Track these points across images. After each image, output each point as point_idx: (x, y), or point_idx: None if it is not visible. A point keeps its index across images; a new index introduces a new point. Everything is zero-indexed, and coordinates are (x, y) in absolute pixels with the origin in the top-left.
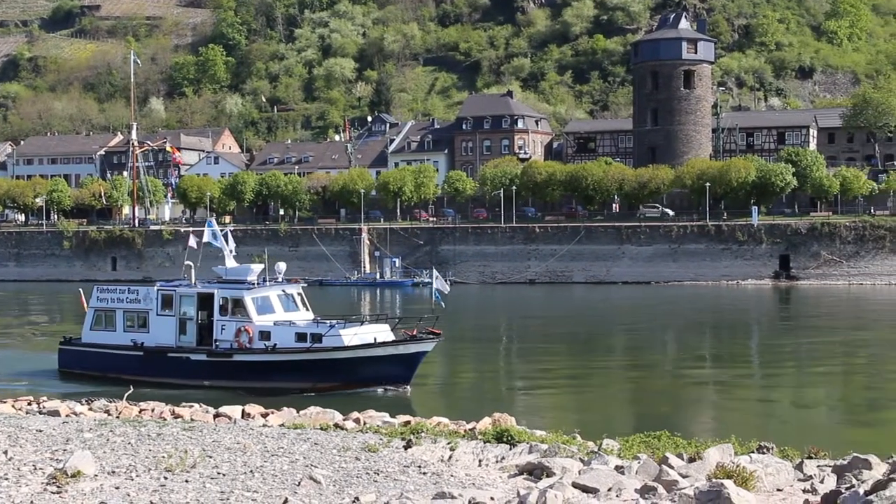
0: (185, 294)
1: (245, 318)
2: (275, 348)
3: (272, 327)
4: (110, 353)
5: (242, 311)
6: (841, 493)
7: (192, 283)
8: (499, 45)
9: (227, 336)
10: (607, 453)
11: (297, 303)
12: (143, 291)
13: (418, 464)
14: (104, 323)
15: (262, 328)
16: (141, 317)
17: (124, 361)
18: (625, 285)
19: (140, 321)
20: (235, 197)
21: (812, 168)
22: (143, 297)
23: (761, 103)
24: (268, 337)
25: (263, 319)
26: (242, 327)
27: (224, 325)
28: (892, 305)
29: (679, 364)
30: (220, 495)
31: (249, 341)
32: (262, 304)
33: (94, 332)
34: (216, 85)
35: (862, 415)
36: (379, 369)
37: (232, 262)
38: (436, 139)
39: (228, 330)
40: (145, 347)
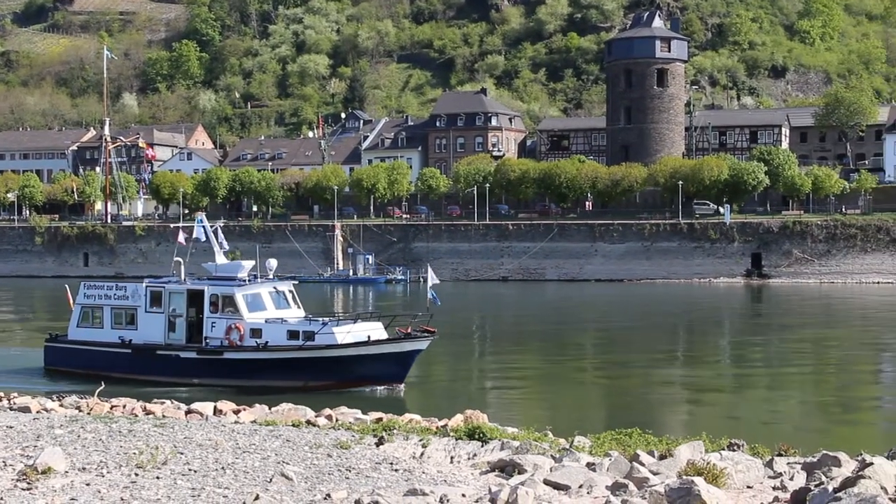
0: (174, 291)
1: (236, 315)
2: (266, 346)
3: (263, 325)
4: (98, 350)
5: (233, 309)
6: (810, 490)
7: (181, 280)
8: (473, 43)
9: (218, 333)
10: (579, 450)
11: (288, 300)
12: (132, 288)
13: (390, 461)
14: (91, 320)
15: (254, 326)
16: (129, 314)
17: (112, 359)
18: (597, 283)
19: (128, 318)
20: (208, 193)
21: (784, 167)
22: (131, 294)
23: (734, 102)
24: (259, 334)
25: (255, 317)
26: (233, 325)
27: (214, 323)
28: (862, 304)
29: (651, 362)
30: (192, 492)
31: (240, 339)
32: (253, 301)
33: (80, 328)
34: (189, 81)
35: (832, 413)
36: (373, 368)
37: (222, 258)
38: (409, 136)
39: (219, 327)
40: (133, 345)
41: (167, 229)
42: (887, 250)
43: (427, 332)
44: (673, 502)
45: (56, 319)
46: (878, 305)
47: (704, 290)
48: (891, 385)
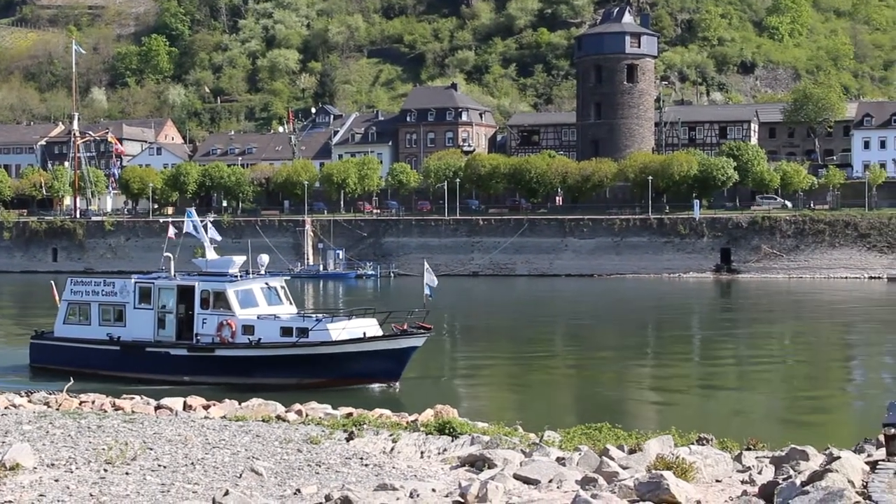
0: (164, 287)
1: (227, 311)
2: (259, 343)
3: (256, 321)
4: (85, 347)
5: (225, 305)
6: (778, 483)
7: (171, 276)
8: (443, 38)
9: (209, 330)
10: (549, 445)
11: (280, 296)
12: (120, 284)
13: (360, 455)
14: (78, 316)
15: (246, 322)
16: (117, 310)
17: (100, 356)
18: (568, 278)
19: (116, 314)
20: (178, 188)
21: (753, 162)
22: (119, 290)
23: (703, 98)
24: (251, 331)
25: (246, 313)
26: (225, 321)
27: (205, 319)
28: (831, 299)
29: (621, 357)
30: (161, 487)
31: (232, 336)
32: (244, 297)
33: (67, 325)
34: (159, 75)
35: (801, 407)
36: (368, 365)
37: (212, 253)
38: (380, 131)
39: (210, 324)
40: (122, 342)
41: (136, 224)
42: (855, 245)
43: (423, 329)
44: (642, 496)
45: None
46: (846, 300)
47: (674, 285)
48: (859, 380)
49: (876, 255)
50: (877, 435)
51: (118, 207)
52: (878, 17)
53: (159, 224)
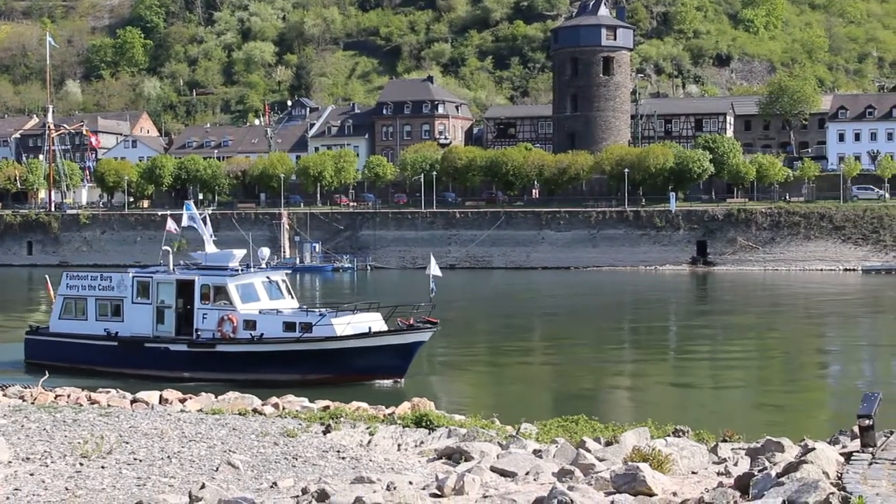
0: (162, 281)
1: (228, 306)
2: (261, 338)
3: (258, 316)
4: (81, 343)
5: (225, 299)
6: (754, 475)
7: (170, 270)
8: (419, 30)
9: (210, 325)
10: (525, 437)
11: (282, 290)
12: (117, 278)
13: (337, 448)
14: (74, 311)
15: (247, 317)
16: (114, 305)
17: (97, 352)
18: (544, 270)
19: (113, 309)
20: (154, 181)
21: (729, 155)
22: (116, 284)
23: (679, 90)
24: (253, 326)
25: (248, 308)
26: (225, 316)
27: (206, 314)
28: (806, 291)
29: (597, 349)
30: (137, 481)
31: (233, 331)
32: (246, 291)
33: (63, 321)
34: (134, 68)
35: (776, 399)
36: (374, 361)
37: (212, 247)
38: (356, 124)
39: (210, 319)
40: (120, 337)
41: (112, 217)
42: (830, 238)
43: (429, 324)
44: (619, 488)
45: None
46: (821, 292)
47: (650, 277)
48: (834, 372)
49: (851, 247)
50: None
51: (93, 201)
52: (852, 10)
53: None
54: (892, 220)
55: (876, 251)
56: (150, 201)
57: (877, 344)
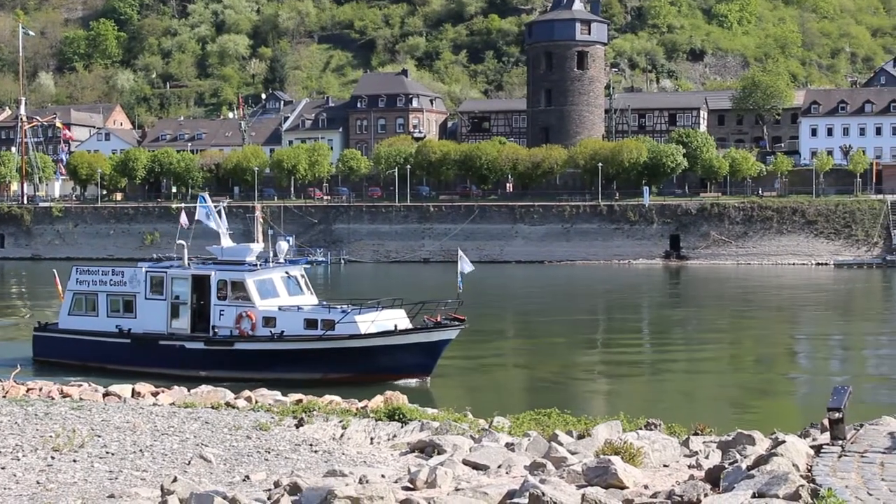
0: (177, 276)
1: (246, 302)
2: (282, 336)
3: (277, 313)
4: (92, 340)
5: (243, 295)
6: (724, 468)
7: (185, 264)
8: (394, 24)
9: (227, 322)
10: (498, 431)
11: (301, 286)
12: (130, 273)
13: (310, 442)
14: (84, 307)
15: (267, 314)
16: (126, 300)
17: (109, 349)
18: (518, 264)
19: (125, 305)
20: (127, 174)
21: (702, 149)
22: (129, 280)
23: (653, 85)
24: (273, 323)
25: (267, 304)
26: (244, 313)
27: (223, 311)
28: (778, 285)
29: (570, 342)
30: (109, 475)
31: (252, 328)
32: (264, 287)
33: (72, 317)
34: (107, 60)
35: (748, 392)
36: (399, 359)
37: (228, 241)
38: (330, 117)
39: (227, 315)
40: (133, 334)
41: (85, 210)
42: (802, 232)
43: (456, 321)
44: (590, 481)
45: None
46: (793, 286)
47: (623, 271)
48: (806, 365)
49: (823, 241)
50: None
51: (66, 193)
52: (825, 5)
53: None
54: (864, 215)
55: (848, 246)
56: (123, 194)
57: (848, 337)
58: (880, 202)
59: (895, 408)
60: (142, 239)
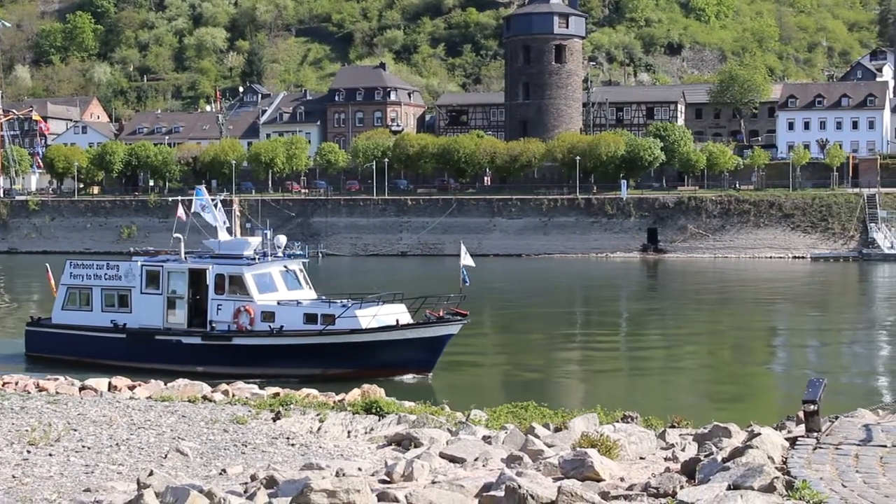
0: (174, 270)
1: (245, 297)
2: (281, 331)
3: (276, 307)
4: (87, 335)
5: (241, 290)
6: (700, 460)
7: (181, 258)
8: (372, 17)
9: (225, 317)
10: (475, 424)
11: (299, 280)
12: (125, 267)
13: (287, 435)
14: (79, 302)
15: (265, 308)
16: (122, 295)
17: (104, 345)
18: (496, 258)
19: (121, 300)
20: (104, 167)
21: (680, 143)
22: (124, 274)
23: (631, 79)
24: (272, 318)
25: (265, 298)
26: (242, 307)
27: (220, 305)
28: (755, 278)
29: (548, 336)
30: (85, 468)
31: (250, 323)
32: (262, 281)
33: (66, 311)
34: (84, 53)
35: (725, 385)
36: (401, 354)
37: (225, 234)
38: (308, 111)
39: (226, 310)
40: (129, 329)
41: (61, 204)
42: (779, 226)
43: (459, 315)
44: (567, 473)
45: None
46: (770, 280)
47: (601, 264)
48: (783, 358)
49: (800, 234)
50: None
51: (43, 187)
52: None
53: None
54: (841, 208)
55: (824, 239)
56: (100, 188)
57: (824, 330)
58: (856, 196)
59: (870, 400)
60: (119, 232)
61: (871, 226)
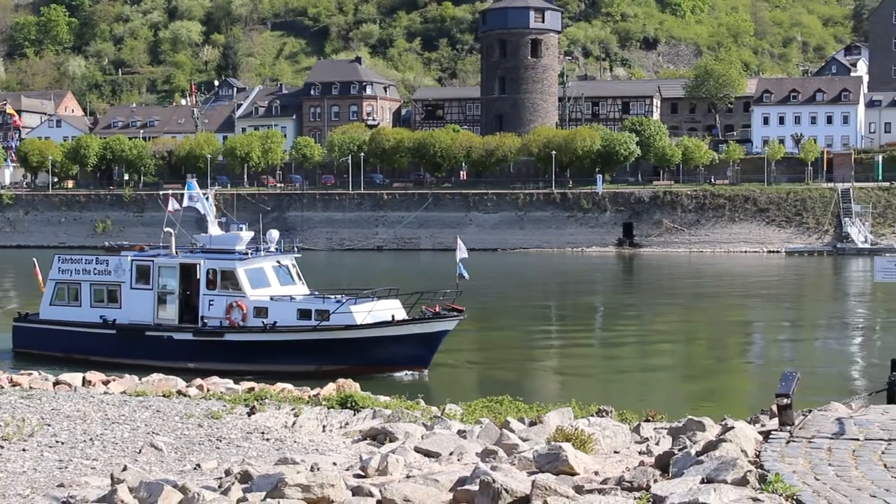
0: (164, 265)
1: (237, 292)
2: (274, 327)
3: (269, 303)
4: (76, 331)
5: (233, 285)
6: (674, 454)
7: (172, 253)
8: (347, 11)
9: (217, 313)
10: (450, 418)
11: (292, 275)
12: (115, 262)
13: (262, 430)
14: (67, 297)
15: (258, 304)
16: (111, 290)
17: (93, 341)
18: (471, 252)
19: (110, 295)
20: (78, 161)
21: (655, 137)
22: (114, 269)
23: (606, 73)
24: (264, 314)
25: (258, 294)
26: (234, 303)
27: (212, 301)
28: (730, 272)
29: (523, 330)
30: (59, 464)
31: (243, 319)
32: (255, 276)
33: (54, 307)
34: (59, 46)
35: (699, 379)
36: (396, 351)
37: (216, 228)
38: (284, 105)
39: (217, 306)
40: (118, 325)
41: (36, 198)
42: (754, 220)
43: (455, 311)
44: (541, 467)
45: None
46: (745, 274)
47: (577, 259)
48: (758, 352)
49: (774, 229)
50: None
51: (17, 181)
52: None
53: (160, 197)
54: (815, 203)
55: (799, 233)
56: (74, 182)
57: (798, 325)
58: (831, 190)
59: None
60: (93, 227)
61: (845, 220)
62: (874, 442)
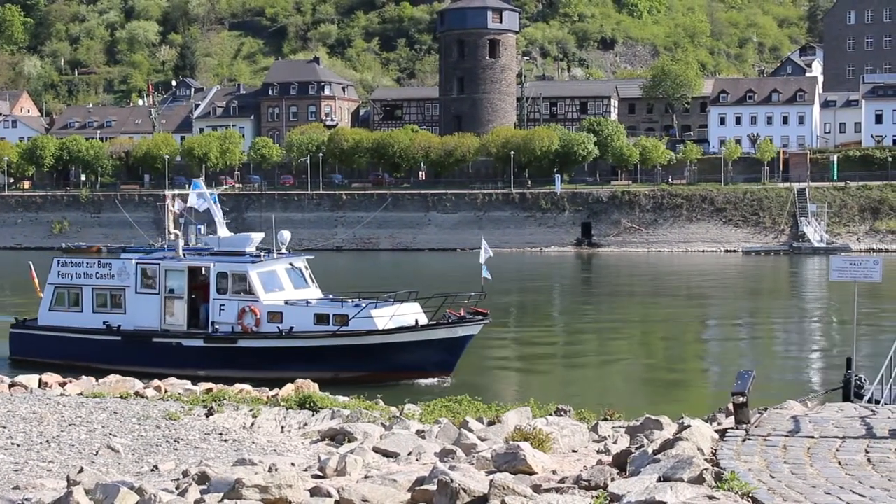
0: (171, 268)
1: (249, 296)
2: (291, 332)
3: (284, 307)
4: (78, 337)
5: (245, 289)
6: (631, 452)
7: (179, 255)
8: (305, 11)
9: (228, 318)
10: (409, 418)
11: (305, 278)
12: (118, 265)
13: (220, 431)
14: (67, 302)
15: (272, 308)
16: (115, 295)
17: (97, 347)
18: (431, 252)
19: (114, 300)
20: (34, 162)
21: (613, 137)
22: (117, 272)
23: (564, 73)
24: (279, 319)
25: (272, 298)
26: (247, 307)
27: (223, 305)
28: (687, 272)
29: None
30: (14, 466)
31: (256, 324)
32: (268, 279)
33: (54, 312)
34: (14, 46)
35: (657, 378)
36: (419, 356)
37: (225, 230)
38: (242, 105)
39: (229, 310)
40: (123, 331)
41: None
42: (711, 220)
43: (480, 315)
44: (499, 467)
45: None
46: (702, 273)
47: (536, 258)
48: (715, 351)
49: (731, 228)
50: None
51: None
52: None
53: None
54: (771, 202)
55: (756, 233)
56: (30, 182)
57: (754, 323)
58: (787, 190)
59: (799, 392)
60: (50, 228)
61: (801, 220)
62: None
